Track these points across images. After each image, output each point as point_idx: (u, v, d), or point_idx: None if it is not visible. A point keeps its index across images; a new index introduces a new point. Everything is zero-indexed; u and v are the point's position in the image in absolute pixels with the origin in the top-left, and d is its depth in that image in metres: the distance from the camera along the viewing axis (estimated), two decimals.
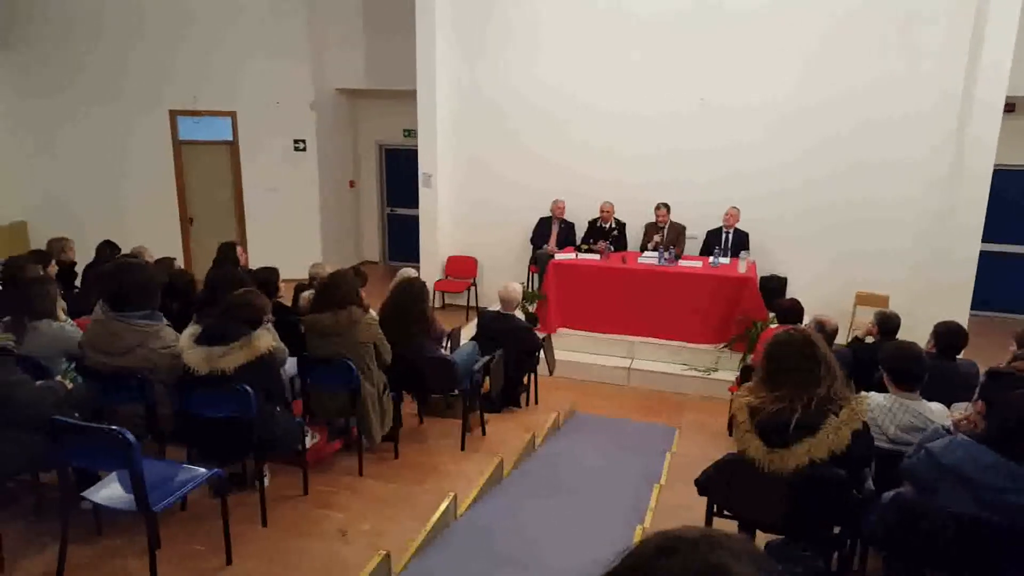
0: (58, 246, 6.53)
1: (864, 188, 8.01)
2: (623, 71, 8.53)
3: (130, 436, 2.83)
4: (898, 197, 7.92)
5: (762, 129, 8.23)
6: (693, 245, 8.47)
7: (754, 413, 2.94)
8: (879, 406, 3.41)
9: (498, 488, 4.60)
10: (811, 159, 8.13)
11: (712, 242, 8.23)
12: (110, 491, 3.09)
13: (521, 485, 4.75)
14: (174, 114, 10.08)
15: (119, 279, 3.75)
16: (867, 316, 6.41)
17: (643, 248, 8.42)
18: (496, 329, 5.91)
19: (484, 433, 5.29)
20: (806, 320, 5.84)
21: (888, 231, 8.05)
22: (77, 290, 6.20)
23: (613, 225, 8.64)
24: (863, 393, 3.33)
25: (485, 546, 3.82)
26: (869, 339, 5.23)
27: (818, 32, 7.88)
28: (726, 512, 3.23)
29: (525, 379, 6.21)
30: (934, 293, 7.50)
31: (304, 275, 6.11)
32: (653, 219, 8.46)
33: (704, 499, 3.26)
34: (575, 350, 7.70)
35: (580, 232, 8.86)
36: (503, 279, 7.00)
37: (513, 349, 5.78)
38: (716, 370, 7.34)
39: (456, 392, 5.27)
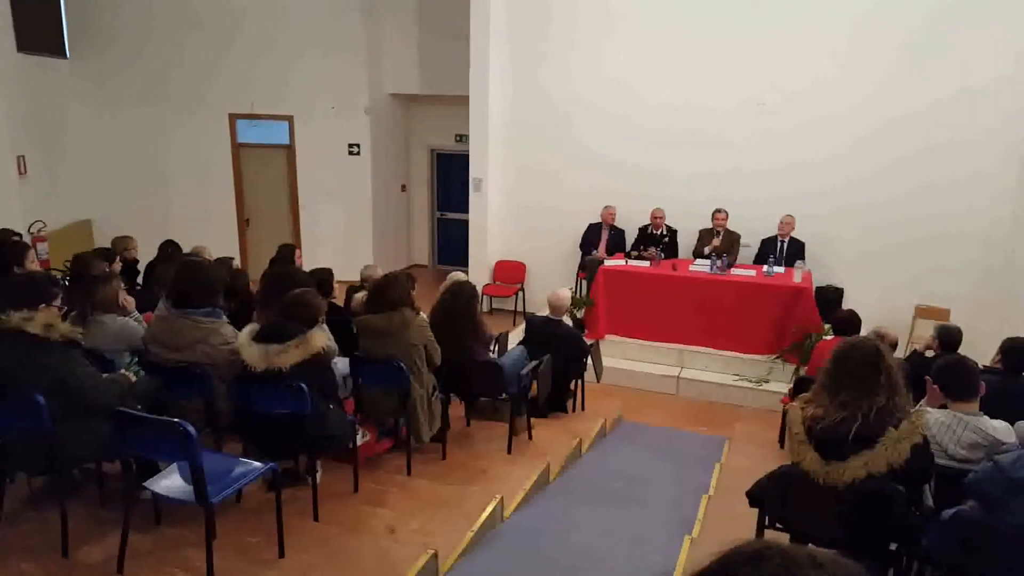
0: (122, 244, 6.78)
1: (927, 199, 7.77)
2: (682, 73, 8.43)
3: (190, 428, 2.90)
4: (962, 209, 7.68)
5: (824, 137, 8.05)
6: (746, 255, 8.34)
7: (811, 424, 2.88)
8: (938, 422, 3.29)
9: (544, 492, 4.61)
10: (874, 169, 7.93)
11: (767, 251, 8.08)
12: (170, 482, 3.18)
13: (567, 490, 4.75)
14: (233, 117, 10.38)
15: (184, 277, 3.87)
16: (926, 330, 6.21)
17: (696, 254, 8.32)
18: (544, 334, 5.91)
19: (530, 437, 5.29)
20: (863, 332, 5.68)
21: (950, 244, 7.80)
22: (139, 287, 6.41)
23: (664, 232, 8.56)
24: (921, 408, 3.23)
25: (531, 549, 3.82)
26: (929, 353, 5.06)
27: (891, 43, 7.67)
28: (778, 524, 3.17)
29: (572, 385, 6.20)
30: (997, 307, 7.23)
31: (355, 277, 6.22)
32: (705, 226, 8.36)
33: (754, 511, 3.21)
34: (624, 357, 7.66)
35: (630, 239, 8.80)
36: (551, 285, 7.00)
37: (561, 354, 5.77)
38: (768, 381, 7.21)
39: (503, 396, 5.28)
